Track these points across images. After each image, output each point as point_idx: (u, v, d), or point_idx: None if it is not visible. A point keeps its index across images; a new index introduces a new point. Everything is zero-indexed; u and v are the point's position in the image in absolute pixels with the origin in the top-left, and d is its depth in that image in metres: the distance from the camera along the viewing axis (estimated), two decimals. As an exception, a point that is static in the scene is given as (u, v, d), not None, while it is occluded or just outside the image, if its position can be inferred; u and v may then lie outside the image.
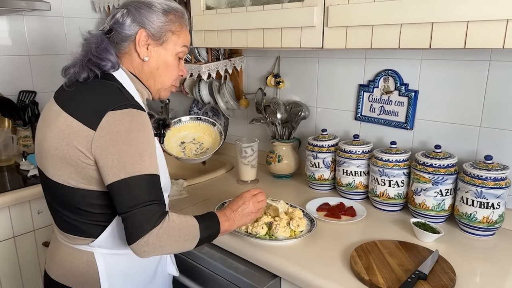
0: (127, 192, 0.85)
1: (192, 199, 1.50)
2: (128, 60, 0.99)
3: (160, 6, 0.98)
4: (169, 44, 1.00)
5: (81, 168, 0.89)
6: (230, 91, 1.93)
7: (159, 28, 0.97)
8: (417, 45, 1.02)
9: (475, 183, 1.15)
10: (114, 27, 0.96)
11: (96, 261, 0.97)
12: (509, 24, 0.87)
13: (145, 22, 0.96)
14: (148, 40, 0.97)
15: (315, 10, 1.19)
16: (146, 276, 1.07)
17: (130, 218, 0.84)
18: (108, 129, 0.85)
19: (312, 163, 1.54)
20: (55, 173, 0.93)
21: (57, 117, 0.92)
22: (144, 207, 0.85)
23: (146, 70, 1.00)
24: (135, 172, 0.85)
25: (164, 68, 1.02)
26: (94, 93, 0.92)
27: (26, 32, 2.07)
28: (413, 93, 1.38)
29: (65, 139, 0.89)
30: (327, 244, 1.15)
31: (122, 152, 0.85)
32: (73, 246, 0.99)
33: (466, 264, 1.05)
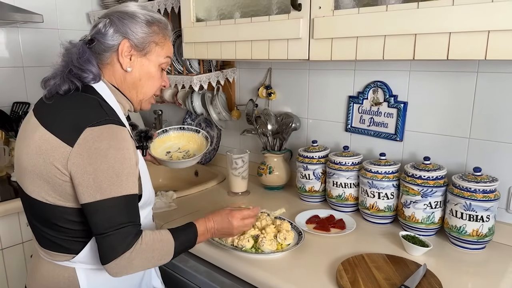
0: (102, 214, 0.83)
1: (181, 210, 1.48)
2: (110, 71, 0.97)
3: (143, 17, 0.97)
4: (153, 55, 0.99)
5: (58, 185, 0.87)
6: (223, 103, 1.93)
7: (142, 39, 0.96)
8: (401, 56, 1.01)
9: (464, 195, 1.13)
10: (96, 37, 0.94)
11: (77, 277, 0.95)
12: (491, 36, 0.87)
13: (128, 32, 0.95)
14: (131, 50, 0.96)
15: (301, 22, 1.20)
16: None
17: (104, 239, 0.84)
18: (86, 146, 0.83)
19: (303, 174, 1.53)
20: (33, 190, 0.91)
21: (34, 132, 0.90)
22: (118, 229, 0.84)
23: (128, 80, 0.99)
24: (111, 194, 0.84)
25: (147, 79, 1.00)
26: (73, 107, 0.90)
27: (20, 44, 2.09)
28: (402, 105, 1.37)
29: (42, 155, 0.87)
30: (314, 258, 1.13)
31: (98, 172, 0.83)
32: (54, 262, 0.97)
33: (455, 278, 1.02)
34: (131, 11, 0.97)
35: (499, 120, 1.19)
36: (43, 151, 0.86)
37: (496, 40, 0.86)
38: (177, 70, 1.86)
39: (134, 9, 0.97)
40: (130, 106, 1.03)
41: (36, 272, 1.01)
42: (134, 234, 0.86)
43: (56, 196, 0.89)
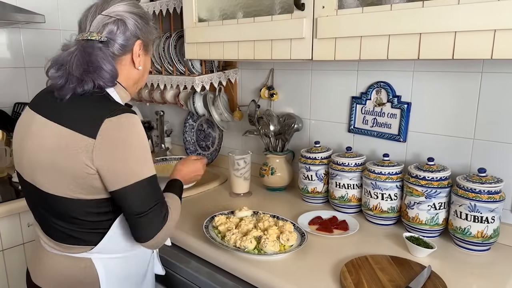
0: (137, 196, 0.89)
1: (183, 211, 1.46)
2: (121, 71, 0.99)
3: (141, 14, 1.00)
4: (150, 51, 1.07)
5: (81, 179, 0.89)
6: (225, 103, 1.93)
7: (147, 37, 1.02)
8: (406, 56, 1.01)
9: (468, 196, 1.12)
10: (111, 38, 0.95)
11: (95, 266, 0.98)
12: (497, 34, 0.86)
13: (138, 32, 0.99)
14: (141, 49, 1.01)
15: (304, 22, 1.19)
16: (140, 277, 1.10)
17: (143, 218, 0.90)
18: (109, 136, 0.86)
19: (305, 175, 1.52)
20: (51, 186, 0.92)
21: (45, 129, 0.92)
22: (154, 207, 0.91)
23: (135, 76, 1.03)
24: (141, 176, 0.90)
25: (145, 73, 1.07)
26: (85, 103, 0.92)
27: (22, 45, 2.09)
28: (406, 105, 1.37)
29: (62, 151, 0.88)
30: (317, 259, 1.12)
31: (127, 158, 0.88)
32: (68, 255, 0.98)
33: (460, 280, 1.01)
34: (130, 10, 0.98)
35: (504, 121, 1.18)
36: (62, 147, 0.88)
37: (503, 39, 0.85)
38: (179, 71, 1.85)
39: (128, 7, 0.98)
40: (127, 95, 1.05)
41: (43, 264, 1.02)
42: (165, 209, 0.95)
43: (77, 189, 0.90)
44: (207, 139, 2.11)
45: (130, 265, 1.04)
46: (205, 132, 2.11)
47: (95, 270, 0.98)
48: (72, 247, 0.97)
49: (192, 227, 1.34)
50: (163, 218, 0.93)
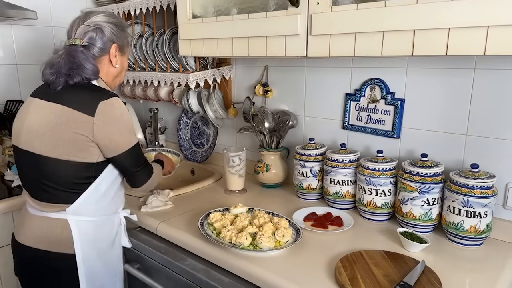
0: (131, 158, 1.20)
1: (178, 209, 1.47)
2: (102, 68, 1.23)
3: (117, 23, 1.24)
4: (126, 53, 1.32)
5: (79, 145, 1.12)
6: (219, 100, 1.92)
7: (122, 42, 1.27)
8: (400, 52, 1.01)
9: (461, 191, 1.13)
10: (91, 42, 1.19)
11: (70, 226, 1.18)
12: (490, 31, 0.87)
13: (114, 38, 1.23)
14: (116, 51, 1.25)
15: (299, 19, 1.19)
16: (109, 243, 1.28)
17: (139, 172, 1.24)
18: (105, 115, 1.12)
19: (300, 172, 1.52)
20: (49, 150, 1.13)
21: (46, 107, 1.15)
22: (143, 165, 1.25)
23: (113, 73, 1.28)
24: (132, 143, 1.19)
25: (121, 72, 1.32)
26: (80, 90, 1.16)
27: (14, 41, 2.06)
28: (400, 102, 1.37)
29: (63, 124, 1.11)
30: (312, 255, 1.13)
31: (121, 131, 1.16)
32: (47, 215, 1.18)
33: (453, 274, 1.03)
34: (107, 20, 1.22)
35: (497, 117, 1.19)
36: (64, 121, 1.11)
37: (496, 36, 0.86)
38: (173, 68, 1.84)
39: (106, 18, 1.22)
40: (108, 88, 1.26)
41: (26, 225, 1.22)
42: (150, 167, 1.29)
43: (74, 153, 1.12)
44: (201, 136, 2.10)
45: (100, 230, 1.24)
46: (199, 129, 2.10)
47: (69, 230, 1.17)
48: (53, 205, 1.17)
49: (187, 224, 1.34)
50: (149, 173, 1.27)
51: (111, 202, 1.25)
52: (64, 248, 1.17)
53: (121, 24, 1.25)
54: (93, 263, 1.22)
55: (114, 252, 1.30)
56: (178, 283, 1.22)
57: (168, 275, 1.25)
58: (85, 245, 1.20)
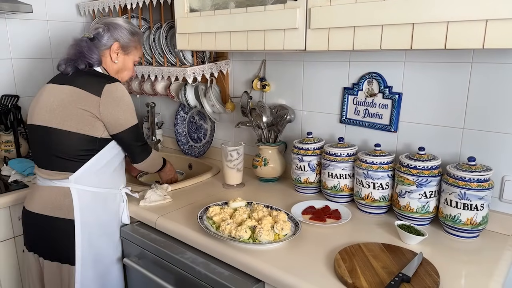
0: (132, 135, 1.35)
1: (176, 203, 1.47)
2: (104, 60, 1.41)
3: (129, 28, 1.44)
4: (131, 54, 1.47)
5: (87, 121, 1.27)
6: (216, 95, 1.92)
7: (127, 43, 1.43)
8: (398, 46, 1.02)
9: (458, 184, 1.15)
10: (97, 36, 1.39)
11: (71, 192, 1.30)
12: (488, 24, 0.88)
13: (119, 38, 1.41)
14: (119, 49, 1.42)
15: (297, 12, 1.19)
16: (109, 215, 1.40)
17: (141, 147, 1.40)
18: (110, 96, 1.28)
19: (298, 166, 1.53)
20: (60, 122, 1.27)
21: (59, 88, 1.31)
22: (143, 144, 1.41)
23: (114, 68, 1.44)
24: (133, 122, 1.35)
25: (124, 70, 1.47)
26: (90, 75, 1.34)
27: (8, 36, 2.04)
28: (397, 96, 1.38)
29: (74, 101, 1.27)
30: (311, 248, 1.14)
31: (124, 110, 1.31)
32: (53, 184, 1.31)
33: (450, 266, 1.04)
34: (121, 24, 1.43)
35: (493, 110, 1.20)
36: (75, 99, 1.27)
37: (494, 29, 0.87)
38: (170, 62, 1.84)
39: (122, 23, 1.43)
40: None
41: (34, 194, 1.36)
42: (150, 148, 1.46)
43: (82, 127, 1.27)
44: (198, 131, 2.10)
45: (101, 201, 1.36)
46: (196, 124, 2.10)
47: (71, 197, 1.30)
48: (58, 173, 1.30)
49: (186, 218, 1.34)
50: (148, 152, 1.44)
51: (110, 177, 1.38)
52: (66, 213, 1.30)
53: (132, 30, 1.44)
54: (92, 229, 1.34)
55: (114, 225, 1.43)
56: (177, 276, 1.23)
57: (167, 269, 1.26)
58: (84, 212, 1.32)
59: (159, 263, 1.29)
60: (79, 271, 1.32)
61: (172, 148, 2.27)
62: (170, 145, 2.29)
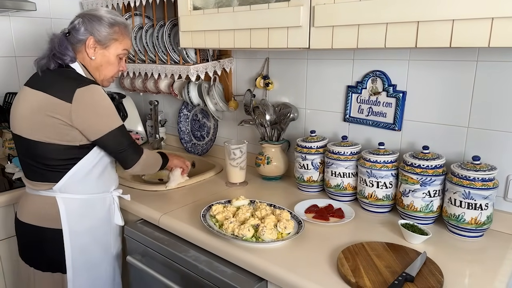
0: (113, 140, 1.24)
1: (180, 201, 1.48)
2: (81, 56, 1.29)
3: (107, 20, 1.28)
4: (112, 48, 1.31)
5: (58, 129, 1.18)
6: (220, 93, 1.92)
7: (104, 36, 1.28)
8: (403, 44, 1.01)
9: (463, 184, 1.14)
10: (71, 31, 1.27)
11: (57, 202, 1.26)
12: (494, 23, 0.87)
13: (94, 31, 1.27)
14: (95, 44, 1.28)
15: (301, 10, 1.19)
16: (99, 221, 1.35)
17: (122, 153, 1.27)
18: (82, 101, 1.17)
19: (301, 164, 1.53)
20: (32, 133, 1.20)
21: (31, 95, 1.21)
22: (128, 147, 1.27)
23: (93, 65, 1.31)
24: (112, 127, 1.23)
25: (107, 65, 1.32)
26: (62, 77, 1.22)
27: (12, 33, 2.05)
28: (401, 94, 1.37)
29: (43, 109, 1.17)
30: (314, 246, 1.14)
31: (99, 115, 1.21)
32: (39, 193, 1.27)
33: (454, 265, 1.04)
34: (99, 15, 1.28)
35: (498, 109, 1.19)
36: (43, 106, 1.18)
37: (500, 27, 0.86)
38: (173, 60, 1.83)
39: (101, 13, 1.29)
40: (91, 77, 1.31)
41: (24, 204, 1.32)
42: (139, 149, 1.32)
43: (54, 137, 1.19)
44: (202, 129, 2.10)
45: (90, 207, 1.32)
46: (200, 122, 2.10)
47: (57, 207, 1.25)
48: (40, 183, 1.26)
49: (189, 216, 1.34)
50: (138, 153, 1.31)
51: (98, 182, 1.32)
52: (54, 223, 1.26)
53: (111, 21, 1.28)
54: (82, 237, 1.31)
55: (106, 228, 1.38)
56: (180, 274, 1.23)
57: (170, 267, 1.26)
58: (72, 220, 1.28)
59: (162, 261, 1.29)
60: (71, 279, 1.30)
61: (175, 146, 2.27)
62: (173, 143, 2.29)
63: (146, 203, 1.46)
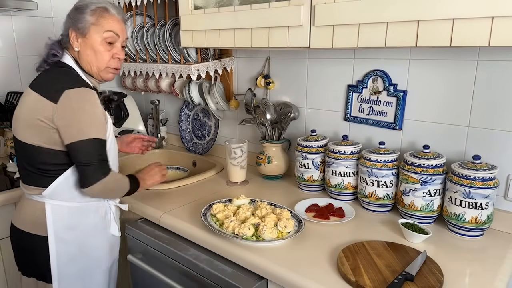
0: (84, 149, 1.14)
1: (180, 200, 1.48)
2: (74, 54, 1.24)
3: (84, 6, 1.22)
4: (92, 34, 1.22)
5: (45, 132, 1.15)
6: (220, 92, 1.92)
7: (81, 24, 1.21)
8: (403, 43, 1.01)
9: (463, 183, 1.14)
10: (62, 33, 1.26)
11: (45, 210, 1.21)
12: (494, 22, 0.87)
13: (73, 23, 1.22)
14: (76, 35, 1.22)
15: (302, 9, 1.19)
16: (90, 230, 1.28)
17: (87, 167, 1.15)
18: (68, 102, 1.12)
19: (302, 163, 1.53)
20: (24, 136, 1.18)
21: (28, 96, 1.19)
22: (95, 163, 1.16)
23: (83, 57, 1.24)
24: (88, 136, 1.14)
25: (94, 53, 1.23)
26: (54, 76, 1.19)
27: (14, 33, 2.05)
28: (402, 93, 1.37)
29: (33, 112, 1.15)
30: (314, 245, 1.14)
31: (79, 120, 1.13)
32: (31, 198, 1.24)
33: (454, 264, 1.04)
34: (78, 5, 1.23)
35: (499, 108, 1.19)
36: (34, 106, 1.15)
37: (500, 27, 0.86)
38: (174, 59, 1.84)
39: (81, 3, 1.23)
40: (94, 80, 1.28)
41: (19, 209, 1.29)
42: (108, 169, 1.19)
43: (41, 139, 1.16)
44: (203, 128, 2.10)
45: (80, 216, 1.26)
46: (201, 121, 2.10)
47: (45, 213, 1.21)
48: (32, 188, 1.22)
49: (190, 215, 1.35)
50: (103, 174, 1.17)
51: None
52: (42, 230, 1.22)
53: (81, 5, 1.22)
54: (70, 247, 1.25)
55: (99, 238, 1.31)
56: (181, 272, 1.23)
57: (171, 265, 1.26)
58: (59, 228, 1.23)
59: (162, 259, 1.29)
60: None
61: (176, 145, 2.28)
62: (174, 142, 2.29)
63: (147, 202, 1.46)
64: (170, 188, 1.60)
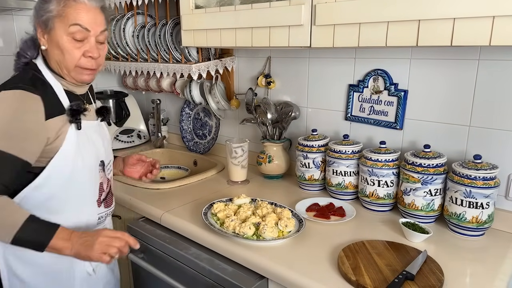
0: None
1: (181, 199, 1.48)
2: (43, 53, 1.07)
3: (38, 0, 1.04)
4: (56, 29, 1.01)
5: None
6: (221, 92, 1.92)
7: (44, 17, 1.01)
8: (404, 42, 1.01)
9: (464, 182, 1.14)
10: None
11: None
12: (495, 21, 0.87)
13: (38, 16, 1.03)
14: (41, 31, 1.03)
15: (302, 9, 1.19)
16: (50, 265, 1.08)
17: None
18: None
19: (302, 163, 1.53)
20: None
21: None
22: None
23: (50, 56, 1.05)
24: None
25: (61, 51, 1.02)
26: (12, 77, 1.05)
27: (16, 32, 2.05)
28: (403, 93, 1.37)
29: None
30: (315, 245, 1.14)
31: None
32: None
33: (455, 264, 1.04)
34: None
35: (500, 108, 1.19)
36: None
37: (501, 26, 0.86)
38: (175, 59, 1.84)
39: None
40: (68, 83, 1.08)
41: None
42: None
43: None
44: (204, 127, 2.10)
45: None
46: (202, 120, 2.11)
47: None
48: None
49: (191, 214, 1.35)
50: None
51: None
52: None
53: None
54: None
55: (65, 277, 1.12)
56: (182, 272, 1.23)
57: (172, 264, 1.26)
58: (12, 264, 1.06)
59: (163, 258, 1.30)
60: None
61: (177, 144, 2.28)
62: (175, 141, 2.29)
63: (148, 201, 1.46)
64: (171, 187, 1.61)
